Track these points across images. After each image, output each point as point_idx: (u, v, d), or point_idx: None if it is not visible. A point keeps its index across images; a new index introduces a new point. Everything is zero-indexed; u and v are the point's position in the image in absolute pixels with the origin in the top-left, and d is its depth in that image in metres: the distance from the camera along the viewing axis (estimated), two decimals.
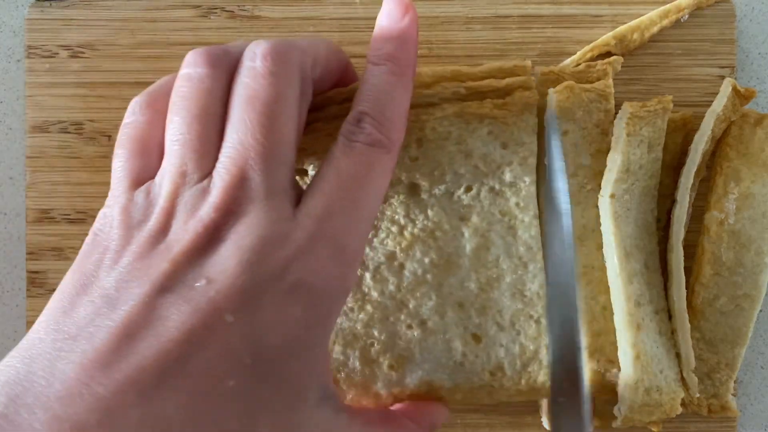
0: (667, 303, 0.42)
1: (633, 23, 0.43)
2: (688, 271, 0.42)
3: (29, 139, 0.43)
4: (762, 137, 0.42)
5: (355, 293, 0.40)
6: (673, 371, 0.41)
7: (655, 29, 0.43)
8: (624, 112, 0.40)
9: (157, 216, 0.32)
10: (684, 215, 0.41)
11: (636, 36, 0.43)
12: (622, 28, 0.43)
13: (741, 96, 0.42)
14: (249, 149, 0.31)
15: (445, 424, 0.44)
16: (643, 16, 0.43)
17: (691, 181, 0.41)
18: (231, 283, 0.30)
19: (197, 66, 0.33)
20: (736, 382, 0.43)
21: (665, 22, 0.43)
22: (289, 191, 0.32)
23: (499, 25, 0.44)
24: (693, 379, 0.41)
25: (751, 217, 0.41)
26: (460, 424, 0.44)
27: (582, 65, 0.42)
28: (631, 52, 0.43)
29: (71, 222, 0.43)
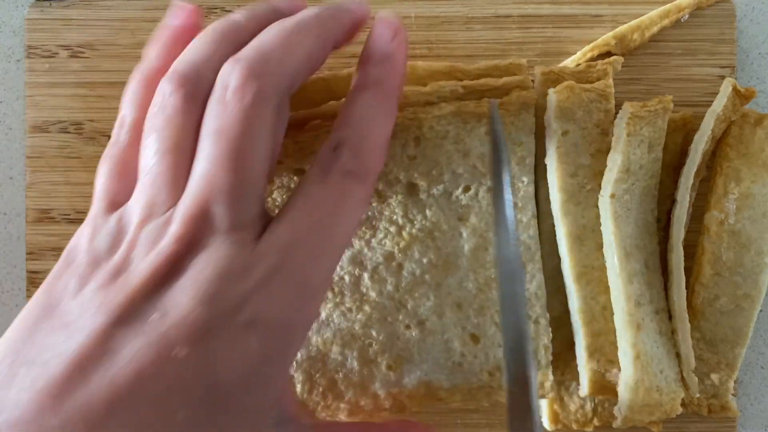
0: (667, 303, 0.42)
1: (633, 23, 0.43)
2: (688, 271, 0.42)
3: (29, 139, 0.44)
4: (762, 137, 0.42)
5: (353, 293, 0.40)
6: (673, 371, 0.41)
7: (655, 29, 0.43)
8: (624, 112, 0.40)
9: (123, 246, 0.31)
10: (684, 215, 0.41)
11: (636, 36, 0.43)
12: (622, 28, 0.43)
13: (741, 96, 0.42)
14: (213, 184, 0.31)
15: (445, 424, 0.44)
16: (643, 16, 0.43)
17: (691, 181, 0.41)
18: (185, 317, 0.29)
19: (171, 96, 0.32)
20: (736, 382, 0.43)
21: (665, 22, 0.43)
22: (256, 222, 0.32)
23: (499, 25, 0.44)
24: (693, 379, 0.41)
25: (751, 217, 0.41)
26: (460, 424, 0.44)
27: (582, 65, 0.42)
28: (631, 52, 0.43)
29: (71, 222, 0.43)
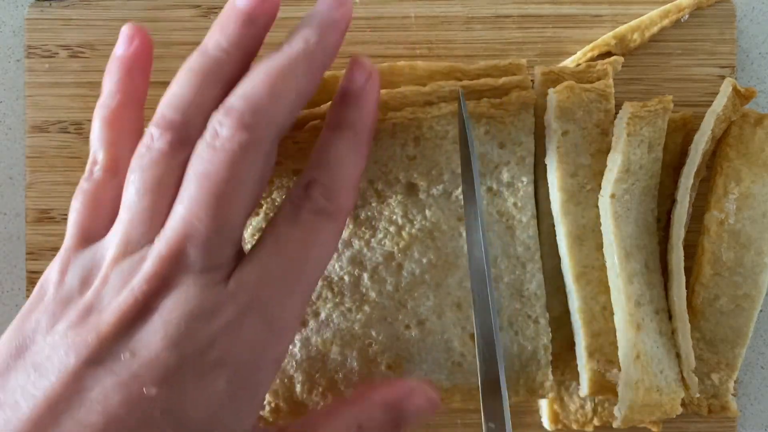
0: (667, 303, 0.42)
1: (633, 23, 0.43)
2: (688, 271, 0.42)
3: (29, 139, 0.44)
4: (762, 137, 0.42)
5: (353, 293, 0.40)
6: (673, 371, 0.41)
7: (655, 29, 0.43)
8: (624, 111, 0.40)
9: (95, 283, 0.32)
10: (684, 215, 0.41)
11: (636, 36, 0.43)
12: (622, 28, 0.43)
13: (741, 96, 0.42)
14: (192, 226, 0.31)
15: (445, 424, 0.44)
16: (643, 16, 0.43)
17: (691, 181, 0.41)
18: (154, 358, 0.30)
19: (158, 140, 0.32)
20: (736, 382, 0.43)
21: (665, 22, 0.43)
22: (229, 262, 0.32)
23: (499, 25, 0.44)
24: (693, 379, 0.41)
25: (751, 217, 0.41)
26: (460, 424, 0.44)
27: (582, 65, 0.42)
28: (631, 52, 0.43)
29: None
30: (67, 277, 0.32)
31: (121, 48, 0.36)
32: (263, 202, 0.40)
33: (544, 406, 0.43)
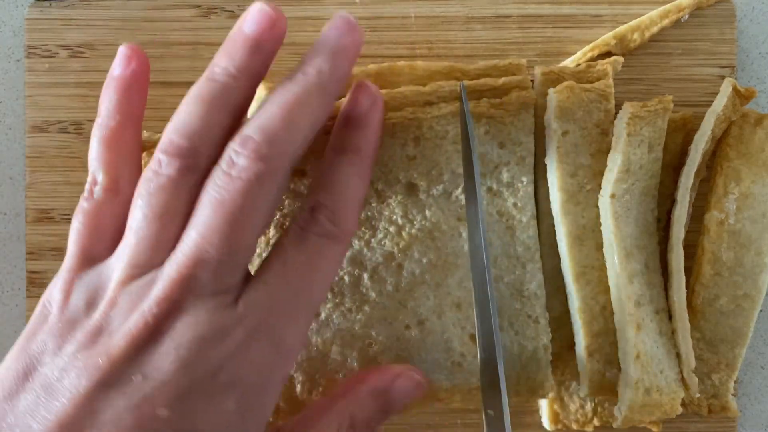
0: (667, 303, 0.42)
1: (633, 23, 0.43)
2: (688, 271, 0.42)
3: (29, 139, 0.44)
4: (762, 137, 0.42)
5: (353, 294, 0.40)
6: (673, 371, 0.41)
7: (655, 29, 0.43)
8: (624, 112, 0.40)
9: (102, 306, 0.32)
10: (684, 215, 0.41)
11: (636, 36, 0.43)
12: (622, 28, 0.43)
13: (741, 96, 0.42)
14: (205, 251, 0.31)
15: (445, 424, 0.44)
16: (643, 16, 0.43)
17: (691, 181, 0.41)
18: (166, 380, 0.30)
19: (167, 167, 0.33)
20: (736, 382, 0.43)
21: (665, 22, 0.43)
22: (238, 286, 0.33)
23: (499, 25, 0.44)
24: (693, 379, 0.41)
25: (751, 217, 0.41)
26: (460, 424, 0.44)
27: (582, 65, 0.42)
28: (631, 52, 0.43)
29: (71, 222, 0.43)
30: (72, 298, 0.32)
31: (118, 69, 0.37)
32: None
33: (544, 406, 0.43)
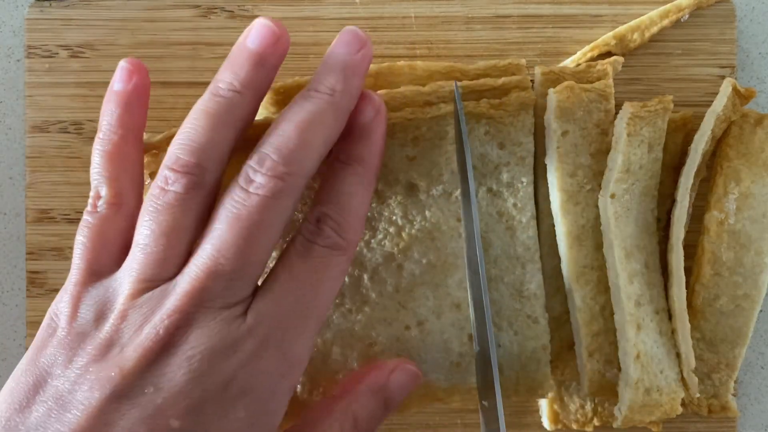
0: (667, 303, 0.42)
1: (633, 23, 0.43)
2: (688, 271, 0.42)
3: (29, 139, 0.44)
4: (762, 137, 0.42)
5: (353, 295, 0.40)
6: (673, 371, 0.41)
7: (655, 29, 0.43)
8: (625, 112, 0.40)
9: (112, 319, 0.32)
10: (684, 215, 0.41)
11: (636, 36, 0.43)
12: (622, 28, 0.43)
13: (741, 96, 0.42)
14: (219, 265, 0.32)
15: (445, 424, 0.44)
16: (643, 16, 0.43)
17: (691, 181, 0.41)
18: (178, 391, 0.31)
19: (174, 184, 0.33)
20: (736, 382, 0.43)
21: (665, 22, 0.43)
22: (248, 297, 0.33)
23: (499, 25, 0.44)
24: (693, 379, 0.41)
25: (751, 217, 0.41)
26: (460, 424, 0.44)
27: (582, 65, 0.42)
28: (631, 52, 0.43)
29: (71, 222, 0.43)
30: (81, 312, 0.33)
31: (120, 83, 0.37)
32: None
33: (544, 406, 0.43)
